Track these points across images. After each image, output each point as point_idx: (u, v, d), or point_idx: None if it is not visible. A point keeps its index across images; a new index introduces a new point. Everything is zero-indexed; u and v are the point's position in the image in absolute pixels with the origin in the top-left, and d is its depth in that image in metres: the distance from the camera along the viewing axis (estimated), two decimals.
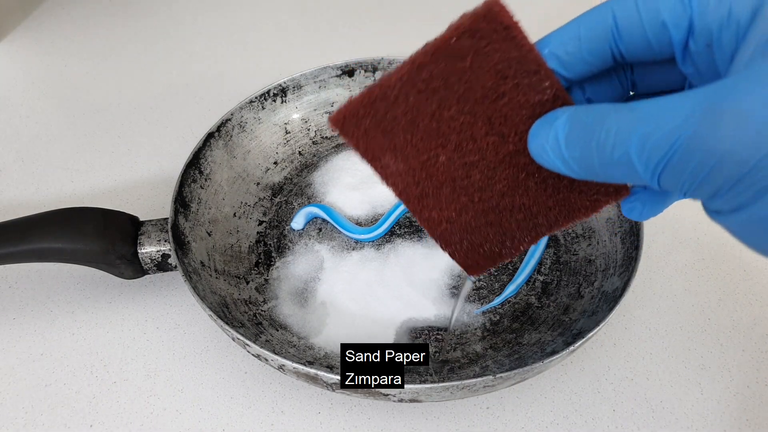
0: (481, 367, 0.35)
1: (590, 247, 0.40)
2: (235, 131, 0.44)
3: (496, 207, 0.25)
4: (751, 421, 0.35)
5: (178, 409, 0.35)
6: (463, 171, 0.24)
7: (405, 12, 0.68)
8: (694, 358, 0.37)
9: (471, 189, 0.24)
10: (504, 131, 0.23)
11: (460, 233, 0.26)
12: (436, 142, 0.23)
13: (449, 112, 0.22)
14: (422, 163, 0.24)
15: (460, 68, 0.21)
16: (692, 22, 0.19)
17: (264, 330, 0.36)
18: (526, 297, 0.39)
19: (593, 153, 0.19)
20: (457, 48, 0.21)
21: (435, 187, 0.25)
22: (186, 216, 0.38)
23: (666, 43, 0.20)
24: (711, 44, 0.19)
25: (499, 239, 0.26)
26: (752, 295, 0.41)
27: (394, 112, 0.22)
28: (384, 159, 0.24)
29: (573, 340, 0.31)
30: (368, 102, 0.22)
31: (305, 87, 0.47)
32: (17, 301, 0.41)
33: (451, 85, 0.22)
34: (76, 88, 0.58)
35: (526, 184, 0.24)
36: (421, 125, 0.23)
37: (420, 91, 0.22)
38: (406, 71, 0.22)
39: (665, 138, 0.17)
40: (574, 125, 0.20)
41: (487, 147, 0.23)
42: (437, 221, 0.26)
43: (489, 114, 0.22)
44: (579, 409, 0.35)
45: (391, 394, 0.29)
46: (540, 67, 0.21)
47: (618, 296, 0.33)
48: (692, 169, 0.17)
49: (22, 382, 0.36)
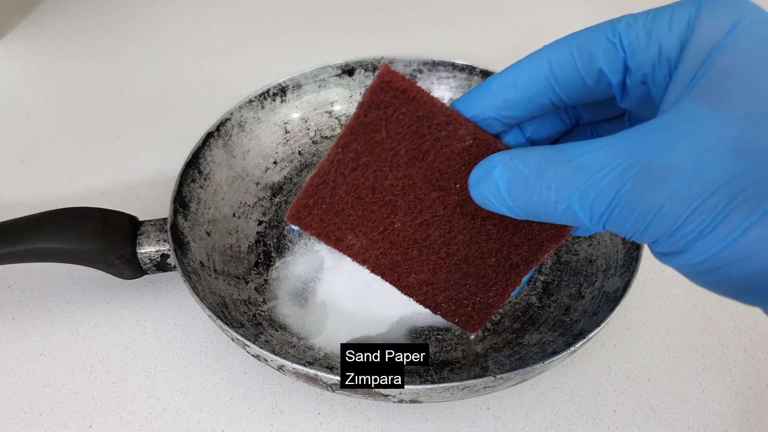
0: (482, 367, 0.35)
1: (591, 247, 0.40)
2: (235, 131, 0.44)
3: (465, 258, 0.25)
4: (752, 421, 0.34)
5: (178, 409, 0.35)
6: (422, 231, 0.25)
7: (405, 11, 0.68)
8: (695, 359, 0.37)
9: (435, 246, 0.25)
10: (444, 185, 0.23)
11: (442, 292, 0.26)
12: (386, 210, 0.24)
13: (387, 180, 0.23)
14: (382, 234, 0.25)
15: (380, 139, 0.22)
16: (626, 63, 0.20)
17: (263, 330, 0.36)
18: (527, 297, 0.39)
19: (537, 205, 0.20)
20: (370, 122, 0.22)
21: (402, 253, 0.25)
22: (185, 216, 0.38)
23: (605, 86, 0.21)
24: (646, 81, 0.20)
25: (482, 288, 0.26)
26: None
27: (337, 194, 0.24)
28: (346, 239, 0.25)
29: (574, 341, 0.31)
30: (312, 192, 0.24)
31: (305, 86, 0.47)
32: (16, 301, 0.40)
33: (378, 156, 0.23)
34: (75, 87, 0.58)
35: (485, 229, 0.25)
36: (366, 199, 0.24)
37: (353, 168, 0.23)
38: (334, 154, 0.23)
39: (605, 192, 0.18)
40: (513, 177, 0.21)
41: (434, 203, 0.24)
42: (417, 286, 0.26)
43: (423, 173, 0.23)
44: (580, 410, 0.35)
45: (391, 395, 0.29)
46: (449, 117, 0.22)
47: (619, 296, 0.33)
48: (633, 222, 0.19)
49: (21, 382, 0.36)
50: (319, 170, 0.23)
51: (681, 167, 0.17)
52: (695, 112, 0.18)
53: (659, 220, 0.18)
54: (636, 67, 0.20)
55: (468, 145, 0.23)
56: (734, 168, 0.17)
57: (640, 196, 0.18)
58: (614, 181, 0.18)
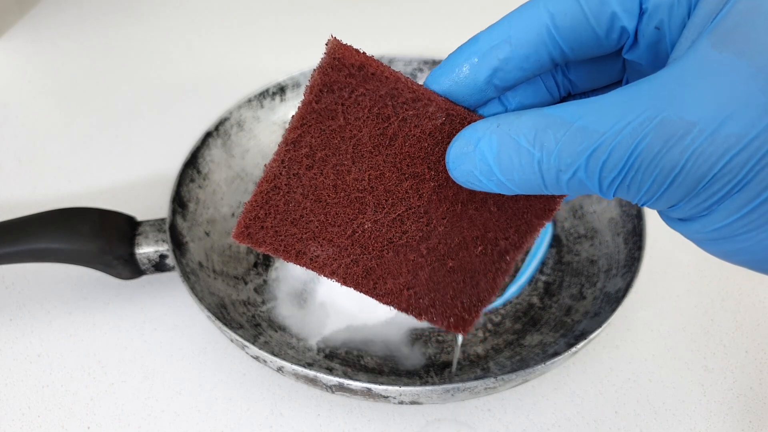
0: (482, 368, 0.34)
1: (593, 248, 0.40)
2: (234, 130, 0.44)
3: (449, 251, 0.22)
4: (753, 423, 0.34)
5: (176, 411, 0.35)
6: (396, 228, 0.22)
7: (405, 8, 0.68)
8: (696, 360, 0.37)
9: (413, 243, 0.22)
10: (416, 171, 0.20)
11: (427, 295, 0.23)
12: (353, 210, 0.21)
13: (350, 175, 0.20)
14: (350, 239, 0.22)
15: (337, 127, 0.19)
16: (641, 5, 0.18)
17: (263, 331, 0.36)
18: (528, 297, 0.39)
19: (535, 176, 0.18)
20: (323, 109, 0.19)
21: (376, 257, 0.22)
22: (184, 216, 0.38)
23: (616, 34, 0.18)
24: (661, 26, 0.18)
25: (470, 283, 0.23)
26: (755, 296, 0.41)
27: (293, 199, 0.20)
28: (309, 251, 0.22)
29: (575, 342, 0.31)
30: (262, 201, 0.21)
31: (304, 85, 0.47)
32: (14, 301, 0.40)
33: (337, 147, 0.20)
34: (73, 87, 0.57)
35: (467, 215, 0.22)
36: (328, 200, 0.21)
37: (308, 166, 0.20)
38: (283, 153, 0.20)
39: (616, 155, 0.16)
40: (503, 146, 0.18)
41: (408, 194, 0.21)
42: (397, 292, 0.23)
43: (392, 160, 0.20)
44: (581, 411, 0.35)
45: (391, 396, 0.29)
46: (416, 93, 0.19)
47: (621, 297, 0.33)
48: (649, 186, 0.17)
49: (19, 383, 0.36)
50: (267, 174, 0.20)
51: (704, 121, 0.15)
52: (717, 60, 0.15)
53: (679, 182, 0.16)
54: (653, 8, 0.18)
55: (440, 123, 0.19)
56: (762, 121, 0.15)
57: (657, 156, 0.16)
58: (626, 142, 0.16)
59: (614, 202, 0.40)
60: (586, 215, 0.41)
